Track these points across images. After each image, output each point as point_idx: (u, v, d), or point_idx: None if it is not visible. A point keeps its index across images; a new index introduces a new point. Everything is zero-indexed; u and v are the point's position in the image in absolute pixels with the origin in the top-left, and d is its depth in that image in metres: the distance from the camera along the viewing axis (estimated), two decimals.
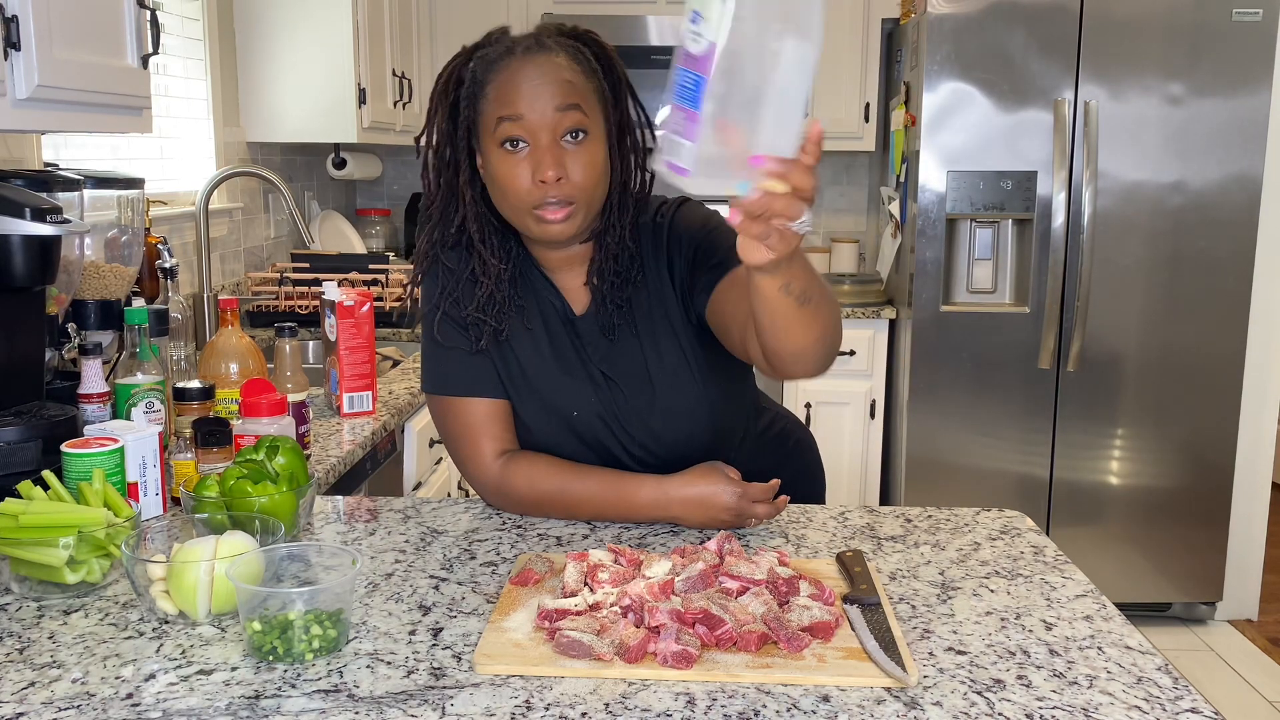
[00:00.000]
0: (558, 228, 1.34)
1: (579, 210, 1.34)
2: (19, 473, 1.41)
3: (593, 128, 1.33)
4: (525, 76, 1.31)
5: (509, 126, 1.31)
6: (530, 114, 1.30)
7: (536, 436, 1.46)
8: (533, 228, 1.36)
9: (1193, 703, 0.97)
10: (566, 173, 1.31)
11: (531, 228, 1.36)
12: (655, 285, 1.44)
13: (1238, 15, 3.21)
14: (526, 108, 1.30)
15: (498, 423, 1.45)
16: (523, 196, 1.33)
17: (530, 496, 1.43)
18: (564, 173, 1.31)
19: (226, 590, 1.10)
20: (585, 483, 1.41)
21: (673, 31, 3.77)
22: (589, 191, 1.34)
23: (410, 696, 0.97)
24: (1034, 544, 1.37)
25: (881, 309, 3.68)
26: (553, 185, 1.31)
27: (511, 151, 1.32)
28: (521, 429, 1.47)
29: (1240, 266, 3.33)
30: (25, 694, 0.98)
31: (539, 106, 1.30)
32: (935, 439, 3.47)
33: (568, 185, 1.31)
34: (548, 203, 1.32)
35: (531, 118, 1.30)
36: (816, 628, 1.06)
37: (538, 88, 1.30)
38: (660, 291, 1.44)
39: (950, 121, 3.31)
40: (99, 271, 2.09)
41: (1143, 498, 3.46)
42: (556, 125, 1.30)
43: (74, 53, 1.67)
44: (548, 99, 1.30)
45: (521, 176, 1.32)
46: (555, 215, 1.33)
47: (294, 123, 3.23)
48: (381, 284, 3.13)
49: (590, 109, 1.33)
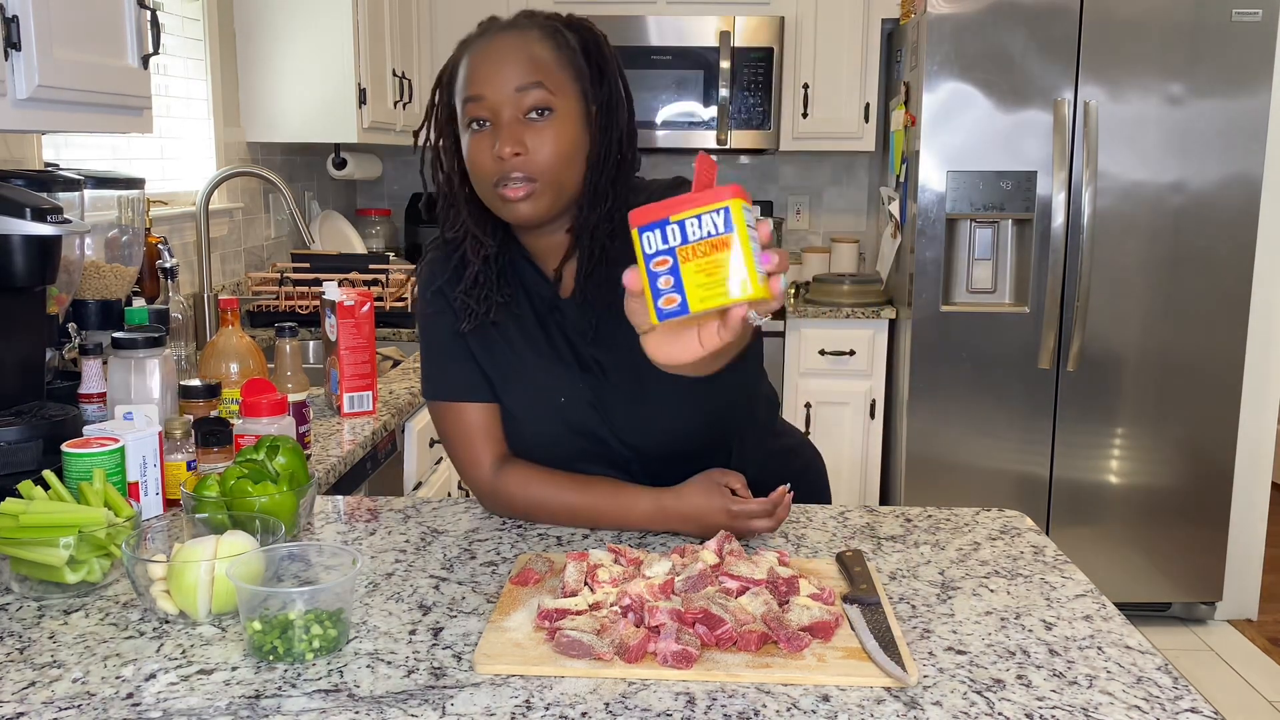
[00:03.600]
0: (521, 207, 1.31)
1: (544, 190, 1.31)
2: (19, 472, 1.41)
3: (561, 106, 1.30)
4: (488, 55, 1.30)
5: (473, 106, 1.30)
6: (490, 93, 1.29)
7: (525, 425, 1.43)
8: (500, 208, 1.33)
9: (1192, 702, 0.97)
10: (527, 149, 1.29)
11: (499, 208, 1.34)
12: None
13: (1237, 15, 3.22)
14: (487, 86, 1.29)
15: (495, 428, 1.44)
16: (486, 174, 1.31)
17: (526, 505, 1.42)
18: (523, 149, 1.28)
19: (227, 590, 1.10)
20: (582, 494, 1.40)
21: (673, 31, 3.78)
22: (553, 170, 1.30)
23: (410, 696, 0.97)
24: (1034, 544, 1.37)
25: (881, 309, 3.68)
26: (510, 161, 1.28)
27: (478, 131, 1.31)
28: (510, 419, 1.44)
29: (1240, 266, 3.33)
30: (26, 694, 0.98)
31: (498, 83, 1.29)
32: (935, 439, 3.47)
33: (528, 162, 1.29)
34: (509, 179, 1.29)
35: (491, 96, 1.29)
36: (816, 627, 1.06)
37: (499, 66, 1.29)
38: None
39: (950, 122, 3.31)
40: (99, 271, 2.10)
41: (1142, 497, 3.46)
42: (518, 103, 1.29)
43: (74, 53, 1.67)
44: (509, 76, 1.29)
45: (484, 154, 1.30)
46: (515, 193, 1.30)
47: (294, 123, 3.23)
48: (381, 284, 3.13)
49: (558, 86, 1.30)
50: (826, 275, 3.88)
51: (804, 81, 3.88)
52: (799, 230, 4.35)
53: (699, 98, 3.81)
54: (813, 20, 3.86)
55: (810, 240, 4.36)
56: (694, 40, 3.78)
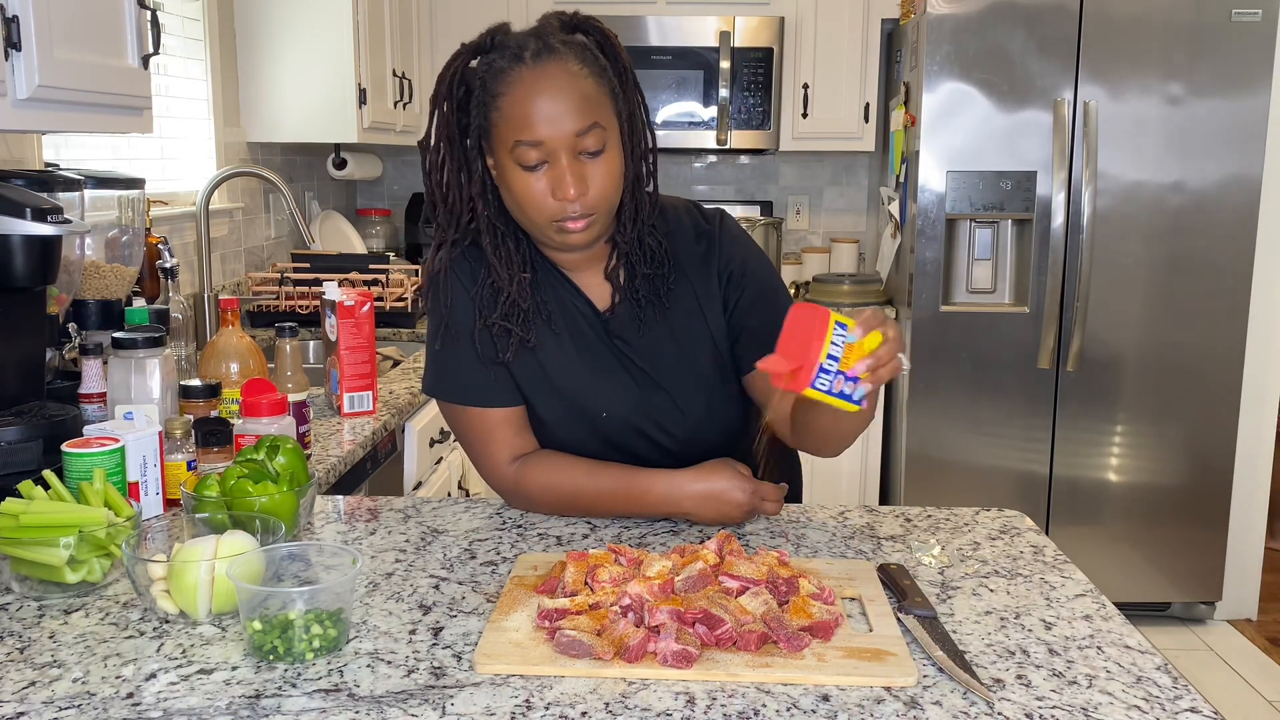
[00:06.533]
0: (578, 237, 1.33)
1: (599, 219, 1.33)
2: (20, 472, 1.42)
3: (610, 138, 1.31)
4: (540, 94, 1.26)
5: (527, 151, 1.28)
6: (550, 138, 1.27)
7: (558, 435, 1.46)
8: (553, 238, 1.35)
9: (1192, 702, 0.97)
10: (586, 188, 1.30)
11: (552, 238, 1.35)
12: (701, 285, 1.44)
13: (1237, 15, 3.22)
14: (545, 131, 1.27)
15: (509, 427, 1.45)
16: (543, 212, 1.31)
17: (545, 499, 1.44)
18: (584, 189, 1.29)
19: (227, 590, 1.10)
20: (598, 481, 1.41)
21: (673, 31, 3.78)
22: (609, 200, 1.33)
23: (410, 696, 0.97)
24: (1033, 543, 1.37)
25: (881, 309, 3.67)
26: (573, 200, 1.29)
27: (532, 170, 1.30)
28: (542, 428, 1.46)
29: (1240, 266, 3.33)
30: (26, 693, 0.98)
31: (558, 129, 1.27)
32: (935, 438, 3.47)
33: (588, 200, 1.30)
34: (569, 216, 1.31)
35: (552, 141, 1.27)
36: (816, 627, 1.06)
37: (555, 108, 1.26)
38: (706, 293, 1.44)
39: (950, 122, 3.31)
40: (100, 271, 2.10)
41: (1142, 497, 3.46)
42: (577, 145, 1.28)
43: (74, 53, 1.67)
44: (568, 121, 1.27)
45: (541, 193, 1.30)
46: (576, 226, 1.32)
47: (294, 123, 3.23)
48: (382, 284, 3.13)
49: (607, 118, 1.30)
50: (826, 275, 3.89)
51: (804, 81, 3.88)
52: (799, 230, 4.35)
53: (699, 98, 3.81)
54: (813, 20, 3.85)
55: (810, 240, 4.36)
56: (694, 40, 3.78)
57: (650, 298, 1.43)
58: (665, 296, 1.43)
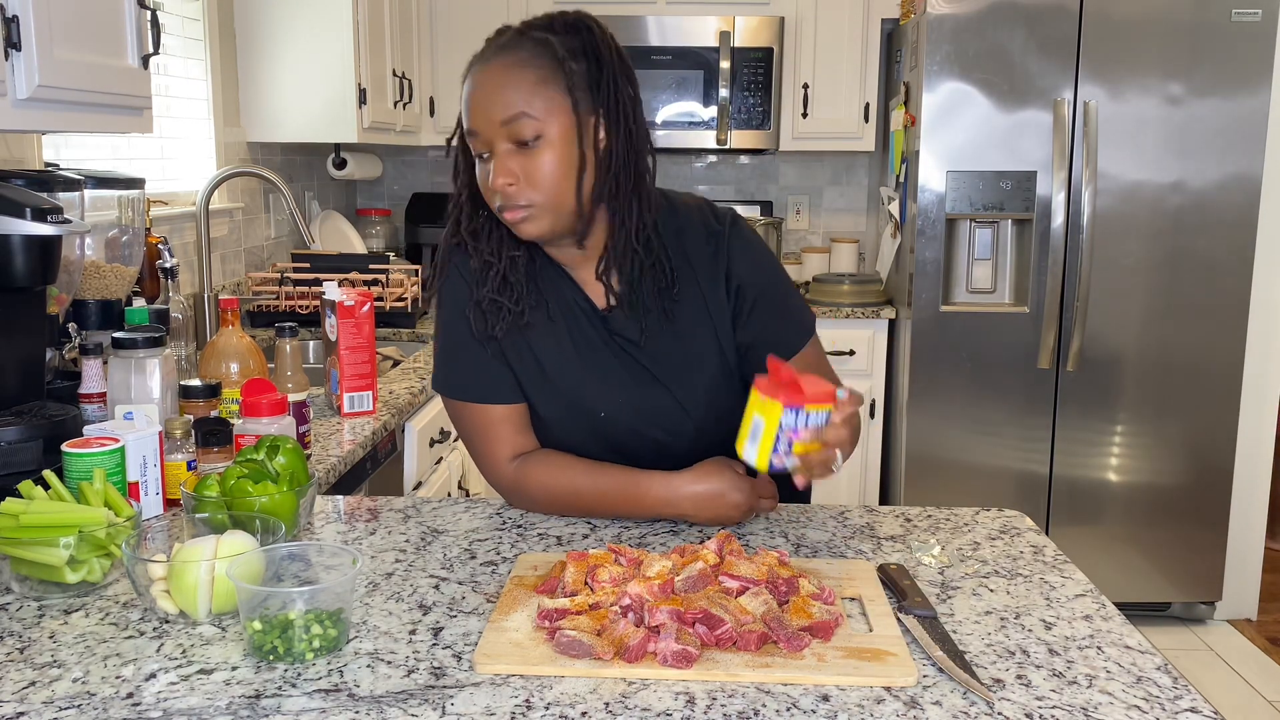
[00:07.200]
0: (523, 228, 1.35)
1: (541, 212, 1.33)
2: (20, 472, 1.42)
3: (549, 129, 1.31)
4: (477, 86, 1.33)
5: (472, 141, 1.34)
6: (480, 127, 1.32)
7: (557, 435, 1.47)
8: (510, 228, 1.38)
9: (1192, 702, 0.97)
10: (518, 178, 1.32)
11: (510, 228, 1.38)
12: (709, 287, 1.44)
13: (1237, 15, 3.22)
14: (477, 121, 1.32)
15: (510, 425, 1.45)
16: (490, 202, 1.36)
17: (545, 498, 1.44)
18: (515, 179, 1.32)
19: (227, 590, 1.10)
20: (597, 481, 1.42)
21: (673, 31, 3.78)
22: (547, 193, 1.32)
23: (410, 696, 0.97)
24: (1033, 543, 1.37)
25: (881, 309, 3.68)
26: (505, 190, 1.32)
27: (482, 160, 1.35)
28: (542, 427, 1.47)
29: (1240, 266, 3.33)
30: (26, 693, 0.98)
31: (485, 118, 1.31)
32: (935, 439, 3.47)
33: (522, 190, 1.32)
34: (505, 207, 1.34)
35: (482, 130, 1.32)
36: (816, 627, 1.06)
37: (483, 101, 1.31)
38: (714, 296, 1.44)
39: (950, 121, 3.31)
40: (100, 271, 2.10)
41: (1142, 497, 3.46)
42: (507, 134, 1.31)
43: (74, 53, 1.67)
44: (495, 110, 1.30)
45: (484, 183, 1.35)
46: (515, 215, 1.34)
47: (294, 123, 3.23)
48: (382, 284, 3.13)
49: (545, 110, 1.30)
50: (826, 275, 3.88)
51: (804, 81, 3.89)
52: (799, 230, 4.35)
53: (699, 98, 3.82)
54: (812, 20, 3.85)
55: (810, 240, 4.36)
56: (694, 40, 3.78)
57: (654, 296, 1.42)
58: (670, 295, 1.43)
